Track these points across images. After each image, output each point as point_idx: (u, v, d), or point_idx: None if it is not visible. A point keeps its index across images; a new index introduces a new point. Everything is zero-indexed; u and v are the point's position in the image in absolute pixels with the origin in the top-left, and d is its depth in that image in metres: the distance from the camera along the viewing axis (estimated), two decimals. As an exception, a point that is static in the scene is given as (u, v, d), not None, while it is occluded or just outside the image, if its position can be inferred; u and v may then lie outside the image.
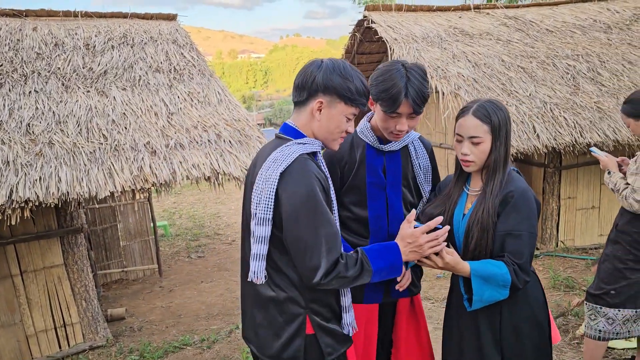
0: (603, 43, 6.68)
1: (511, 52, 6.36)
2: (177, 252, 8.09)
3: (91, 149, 4.17)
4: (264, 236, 1.71)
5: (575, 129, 5.36)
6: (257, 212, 1.70)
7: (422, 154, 2.28)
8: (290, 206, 1.66)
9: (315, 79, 1.74)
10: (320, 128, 1.80)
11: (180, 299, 5.92)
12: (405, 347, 2.28)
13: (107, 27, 5.76)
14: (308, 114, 1.79)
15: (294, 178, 1.68)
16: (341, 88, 1.74)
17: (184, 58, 5.63)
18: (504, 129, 1.96)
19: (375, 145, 2.19)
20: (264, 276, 1.74)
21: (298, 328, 1.77)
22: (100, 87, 4.93)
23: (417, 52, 6.12)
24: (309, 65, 1.79)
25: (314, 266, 1.65)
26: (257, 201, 1.71)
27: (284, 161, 1.69)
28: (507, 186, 1.96)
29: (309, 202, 1.66)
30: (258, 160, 1.82)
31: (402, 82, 1.96)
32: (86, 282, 4.75)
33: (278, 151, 1.73)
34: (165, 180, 4.04)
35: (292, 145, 1.74)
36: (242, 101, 71.18)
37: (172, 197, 13.51)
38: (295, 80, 1.82)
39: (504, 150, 1.97)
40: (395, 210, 2.22)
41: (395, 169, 2.21)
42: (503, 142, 1.97)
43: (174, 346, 4.61)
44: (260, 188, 1.71)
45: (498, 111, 1.96)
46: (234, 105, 5.12)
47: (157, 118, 4.68)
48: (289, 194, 1.67)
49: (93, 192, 3.83)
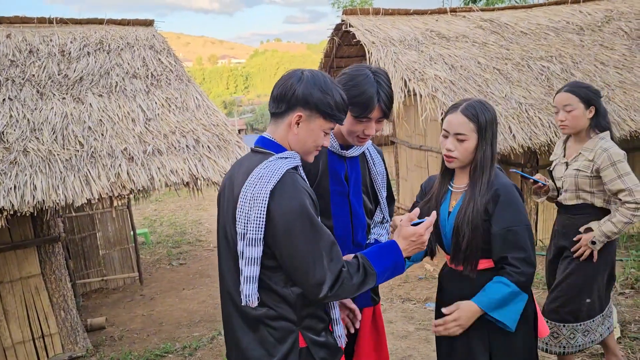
0: (576, 44, 6.83)
1: (487, 54, 6.46)
2: (158, 259, 8.01)
3: (67, 156, 4.12)
4: (255, 257, 1.65)
5: (549, 129, 5.45)
6: (246, 233, 1.64)
7: (377, 160, 2.28)
8: (285, 224, 1.62)
9: (295, 92, 1.70)
10: (297, 141, 1.77)
11: (162, 307, 5.86)
12: (366, 357, 2.26)
13: (83, 34, 5.70)
14: (285, 126, 1.76)
15: (285, 194, 1.64)
16: (321, 103, 1.71)
17: (161, 64, 5.60)
18: (490, 129, 2.01)
19: (337, 151, 2.14)
20: (257, 298, 1.68)
21: (292, 345, 1.72)
22: (76, 94, 4.87)
23: (394, 55, 6.18)
24: (288, 77, 1.75)
25: (318, 281, 1.62)
26: (246, 221, 1.65)
27: (272, 178, 1.64)
28: (494, 182, 2.01)
29: (303, 217, 1.63)
30: (236, 176, 1.76)
31: (373, 88, 1.97)
32: (64, 292, 4.68)
33: (263, 167, 1.67)
34: (144, 187, 4.01)
35: (276, 160, 1.69)
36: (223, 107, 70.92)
37: (153, 204, 13.38)
38: (273, 91, 1.77)
39: (490, 149, 2.02)
40: (358, 218, 2.18)
41: (356, 175, 2.18)
42: (489, 141, 2.01)
43: (155, 354, 4.56)
44: (248, 207, 1.64)
45: (485, 111, 2.01)
46: (213, 110, 5.10)
47: (134, 124, 4.65)
48: (281, 212, 1.62)
49: (69, 200, 3.78)
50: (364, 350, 2.25)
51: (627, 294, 4.61)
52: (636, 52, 6.76)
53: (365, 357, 2.26)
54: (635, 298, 4.48)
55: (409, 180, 8.30)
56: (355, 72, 2.02)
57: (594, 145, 2.76)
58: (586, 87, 2.82)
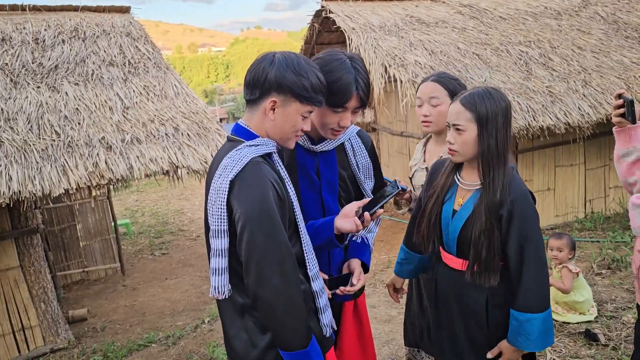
0: (554, 29, 6.88)
1: (466, 40, 6.48)
2: (140, 250, 7.95)
3: (43, 146, 4.04)
4: (222, 249, 1.59)
5: (528, 113, 5.51)
6: (212, 225, 1.60)
7: (360, 152, 2.08)
8: (242, 215, 1.55)
9: (267, 76, 1.62)
10: (274, 128, 1.68)
11: (144, 297, 5.83)
12: (348, 348, 2.24)
13: (57, 21, 5.57)
14: (261, 113, 1.67)
15: (245, 185, 1.56)
16: (295, 86, 1.62)
17: (138, 51, 5.51)
18: (494, 121, 1.77)
19: (306, 145, 1.96)
20: (227, 290, 1.63)
21: (272, 338, 1.66)
22: (51, 83, 4.77)
23: (374, 41, 6.16)
24: (260, 61, 1.66)
25: (263, 279, 1.57)
26: (211, 213, 1.60)
27: (233, 167, 1.57)
28: (510, 191, 1.81)
29: (262, 210, 1.55)
30: (213, 166, 1.70)
31: (351, 75, 1.81)
32: (44, 284, 4.62)
33: (228, 156, 1.61)
34: (122, 176, 3.96)
35: (243, 148, 1.62)
36: (204, 96, 70.15)
37: (134, 194, 13.26)
38: (246, 77, 1.68)
39: (495, 143, 1.78)
40: (332, 214, 2.01)
41: (330, 170, 2.00)
42: (492, 134, 1.78)
43: (138, 344, 4.54)
44: (213, 199, 1.60)
45: (488, 100, 1.79)
46: (192, 97, 5.05)
47: (111, 113, 4.57)
48: (240, 203, 1.55)
49: (46, 190, 3.72)
50: (347, 342, 2.24)
51: (604, 274, 4.71)
52: (612, 37, 6.84)
53: (348, 348, 2.25)
54: (612, 278, 4.58)
55: (390, 167, 8.33)
56: (330, 56, 1.85)
57: None
58: (455, 80, 2.35)
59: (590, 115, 5.67)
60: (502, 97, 1.81)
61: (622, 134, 2.00)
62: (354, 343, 2.24)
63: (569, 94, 5.81)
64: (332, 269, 2.12)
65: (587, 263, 4.96)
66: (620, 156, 2.02)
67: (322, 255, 2.10)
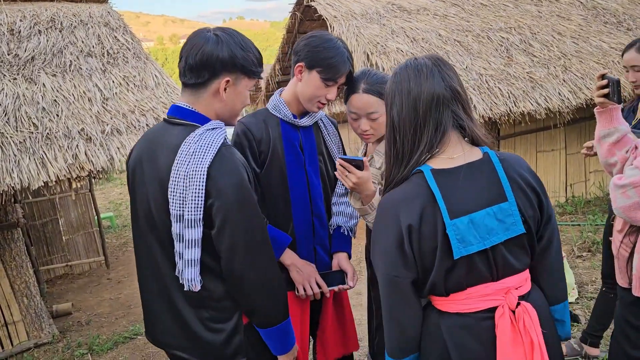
0: (534, 15, 6.92)
1: (448, 27, 6.49)
2: (124, 242, 7.89)
3: (21, 138, 3.97)
4: (195, 239, 1.53)
5: (509, 99, 5.55)
6: (184, 214, 1.52)
7: (331, 129, 2.24)
8: (223, 202, 1.52)
9: (219, 56, 1.56)
10: (224, 108, 1.65)
11: (130, 290, 5.80)
12: (329, 332, 2.28)
13: (33, 11, 5.45)
14: (210, 95, 1.62)
15: (223, 171, 1.53)
16: (246, 62, 1.61)
17: (117, 41, 5.42)
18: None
19: (290, 120, 2.09)
20: (200, 281, 1.58)
21: (236, 323, 1.67)
22: (27, 74, 4.68)
23: (356, 29, 6.15)
24: (202, 42, 1.58)
25: (252, 261, 1.58)
26: (181, 202, 1.52)
27: (206, 153, 1.51)
28: None
29: (243, 195, 1.55)
30: (156, 153, 1.60)
31: (345, 54, 1.97)
32: (27, 279, 4.56)
33: (192, 142, 1.53)
34: (103, 167, 3.91)
35: (207, 132, 1.56)
36: (187, 87, 69.47)
37: (118, 188, 13.12)
38: (187, 60, 1.59)
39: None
40: (315, 188, 2.15)
41: (310, 144, 2.14)
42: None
43: (124, 337, 4.52)
44: (183, 186, 1.51)
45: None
46: (172, 88, 4.99)
47: (91, 104, 4.51)
48: (219, 190, 1.51)
49: (25, 183, 3.66)
50: (329, 324, 2.26)
51: (585, 256, 4.80)
52: (591, 22, 6.91)
53: (330, 329, 2.27)
54: (592, 260, 4.66)
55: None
56: (323, 35, 2.00)
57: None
58: (384, 82, 2.02)
59: (570, 100, 5.74)
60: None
61: (603, 115, 2.03)
62: (335, 327, 2.28)
63: (549, 79, 5.87)
64: (319, 256, 2.20)
65: (569, 246, 5.04)
66: (601, 137, 2.05)
67: (308, 240, 2.15)
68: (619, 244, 1.96)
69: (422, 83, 1.43)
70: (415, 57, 1.52)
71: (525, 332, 1.39)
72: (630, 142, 2.00)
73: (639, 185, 1.71)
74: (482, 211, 1.40)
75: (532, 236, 1.47)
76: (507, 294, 1.44)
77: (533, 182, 1.48)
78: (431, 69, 1.45)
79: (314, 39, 1.98)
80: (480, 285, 1.44)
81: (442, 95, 1.43)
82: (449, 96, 1.43)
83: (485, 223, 1.39)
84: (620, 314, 2.02)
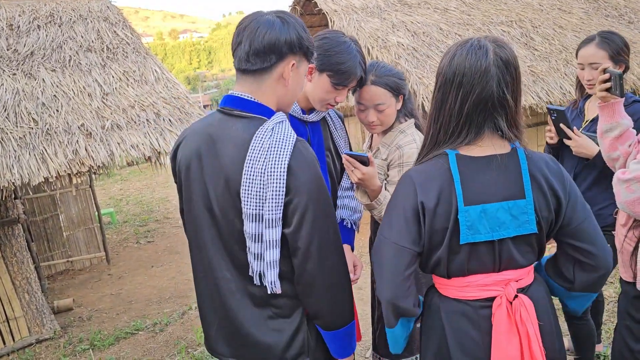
0: (535, 9, 6.89)
1: (448, 21, 6.45)
2: (125, 238, 7.89)
3: (21, 134, 3.96)
4: (276, 239, 1.46)
5: (511, 93, 5.53)
6: (263, 214, 1.44)
7: (338, 124, 2.22)
8: (304, 198, 1.45)
9: (286, 39, 1.48)
10: (286, 95, 1.57)
11: (131, 285, 5.80)
12: None
13: (32, 7, 5.44)
14: (274, 81, 1.53)
15: (303, 166, 1.45)
16: (310, 44, 1.55)
17: (117, 36, 5.40)
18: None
19: (299, 116, 2.06)
20: (279, 283, 1.50)
21: (300, 320, 1.58)
22: (27, 69, 4.67)
23: (357, 23, 6.12)
24: (267, 24, 1.48)
25: (324, 261, 1.51)
26: (258, 200, 1.44)
27: (284, 148, 1.43)
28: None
29: (320, 190, 1.49)
30: (218, 146, 1.51)
31: (356, 59, 1.93)
32: (28, 275, 4.56)
33: (265, 137, 1.45)
34: (103, 163, 3.90)
35: (277, 126, 1.49)
36: (187, 82, 69.42)
37: (118, 183, 13.13)
38: (252, 44, 1.48)
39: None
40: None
41: (318, 140, 2.11)
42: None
43: (125, 332, 4.52)
44: (260, 184, 1.43)
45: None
46: (173, 83, 4.97)
47: (91, 99, 4.49)
48: (300, 186, 1.44)
49: (25, 179, 3.65)
50: None
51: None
52: (593, 15, 6.87)
53: None
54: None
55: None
56: (337, 37, 1.94)
57: (391, 139, 2.19)
58: (392, 75, 2.14)
59: (572, 94, 5.70)
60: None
61: (605, 109, 2.01)
62: None
63: (550, 73, 5.84)
64: None
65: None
66: (604, 131, 2.04)
67: None
68: (623, 238, 1.95)
69: (476, 83, 1.39)
70: (486, 48, 1.40)
71: (522, 323, 1.42)
72: (633, 136, 1.99)
73: None
74: (496, 204, 1.41)
75: (542, 237, 1.47)
76: (507, 285, 1.46)
77: (556, 185, 1.45)
78: (493, 72, 1.39)
79: (326, 42, 1.92)
80: (480, 275, 1.46)
81: (491, 102, 1.40)
82: (497, 104, 1.41)
83: (497, 216, 1.40)
84: (623, 308, 2.01)
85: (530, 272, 1.52)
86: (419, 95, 5.22)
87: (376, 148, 2.23)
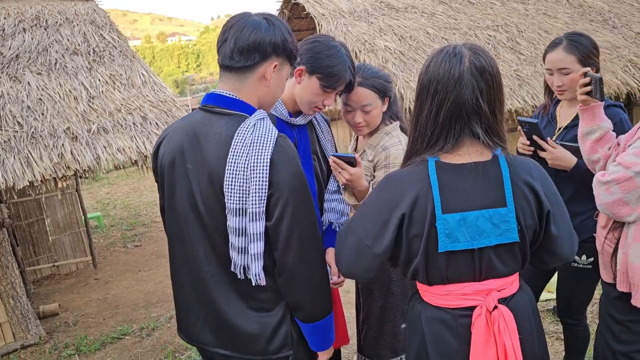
0: (521, 14, 6.97)
1: (435, 25, 6.51)
2: (112, 242, 7.83)
3: (5, 137, 3.93)
4: (260, 232, 1.49)
5: (497, 97, 5.58)
6: (247, 208, 1.47)
7: (325, 127, 2.22)
8: (285, 192, 1.49)
9: (271, 40, 1.53)
10: (268, 94, 1.61)
11: (117, 290, 5.76)
12: None
13: (18, 9, 5.40)
14: (256, 80, 1.57)
15: (284, 161, 1.49)
16: (293, 48, 1.60)
17: (103, 39, 5.38)
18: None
19: (286, 119, 2.07)
20: (263, 275, 1.54)
21: (284, 314, 1.62)
22: (12, 73, 4.63)
23: (344, 27, 6.15)
24: (253, 24, 1.53)
25: (304, 254, 1.55)
26: (241, 194, 1.47)
27: (266, 143, 1.47)
28: None
29: (301, 185, 1.52)
30: (201, 143, 1.55)
31: (347, 63, 1.96)
32: (12, 279, 4.51)
33: (248, 132, 1.49)
34: (89, 166, 3.88)
35: (260, 122, 1.52)
36: (175, 86, 69.10)
37: (106, 187, 13.03)
38: (237, 42, 1.52)
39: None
40: (309, 187, 2.16)
41: (305, 143, 2.12)
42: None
43: (112, 337, 4.49)
44: (243, 178, 1.46)
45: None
46: (160, 86, 4.96)
47: (77, 102, 4.47)
48: (281, 180, 1.48)
49: (10, 183, 3.62)
50: None
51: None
52: (577, 20, 6.97)
53: None
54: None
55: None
56: (328, 41, 1.97)
57: (377, 141, 2.22)
58: (379, 77, 2.17)
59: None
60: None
61: (586, 112, 2.04)
62: None
63: (535, 77, 5.91)
64: None
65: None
66: (585, 134, 2.07)
67: None
68: (603, 239, 1.98)
69: (450, 90, 1.39)
70: (461, 55, 1.40)
71: (499, 335, 1.41)
72: (613, 139, 2.02)
73: (622, 181, 1.73)
74: (476, 212, 1.39)
75: (525, 245, 1.45)
76: (488, 295, 1.45)
77: (540, 190, 1.43)
78: (467, 79, 1.38)
79: (317, 45, 1.95)
80: (461, 284, 1.45)
81: (465, 110, 1.39)
82: (471, 112, 1.40)
83: (477, 224, 1.39)
84: (604, 309, 2.04)
85: (514, 281, 1.52)
86: (405, 99, 5.26)
87: (362, 150, 2.25)
